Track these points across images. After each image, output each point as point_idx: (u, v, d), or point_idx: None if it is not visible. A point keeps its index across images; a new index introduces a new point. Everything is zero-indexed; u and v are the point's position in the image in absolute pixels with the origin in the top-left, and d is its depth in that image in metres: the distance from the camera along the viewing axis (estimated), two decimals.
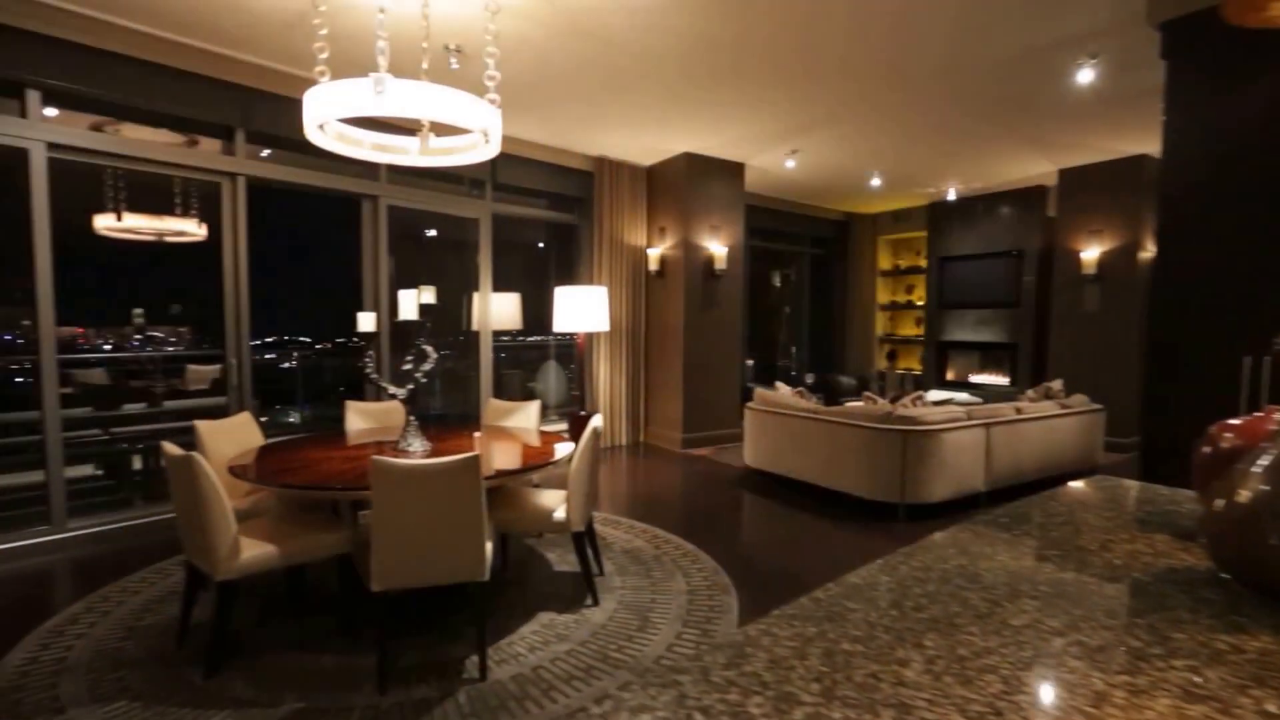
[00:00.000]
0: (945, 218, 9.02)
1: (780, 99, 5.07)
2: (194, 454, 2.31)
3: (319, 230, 8.22)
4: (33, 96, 3.76)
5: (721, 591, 3.23)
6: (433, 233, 7.86)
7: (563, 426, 6.40)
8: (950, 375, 9.22)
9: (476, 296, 6.09)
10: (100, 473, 5.31)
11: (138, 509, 4.57)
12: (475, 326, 6.10)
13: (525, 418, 3.87)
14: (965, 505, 4.77)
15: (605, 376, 6.89)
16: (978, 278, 8.69)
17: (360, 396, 4.76)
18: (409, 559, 2.33)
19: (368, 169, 5.19)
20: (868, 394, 5.54)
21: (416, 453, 2.92)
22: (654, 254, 7.07)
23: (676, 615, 2.96)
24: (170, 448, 2.44)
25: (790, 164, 6.89)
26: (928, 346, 9.37)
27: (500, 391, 6.46)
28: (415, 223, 6.68)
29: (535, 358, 8.12)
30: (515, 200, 6.47)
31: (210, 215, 5.63)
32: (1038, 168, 7.21)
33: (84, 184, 5.31)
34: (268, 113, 4.59)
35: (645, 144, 6.41)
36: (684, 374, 6.87)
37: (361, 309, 5.36)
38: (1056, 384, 5.95)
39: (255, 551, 2.46)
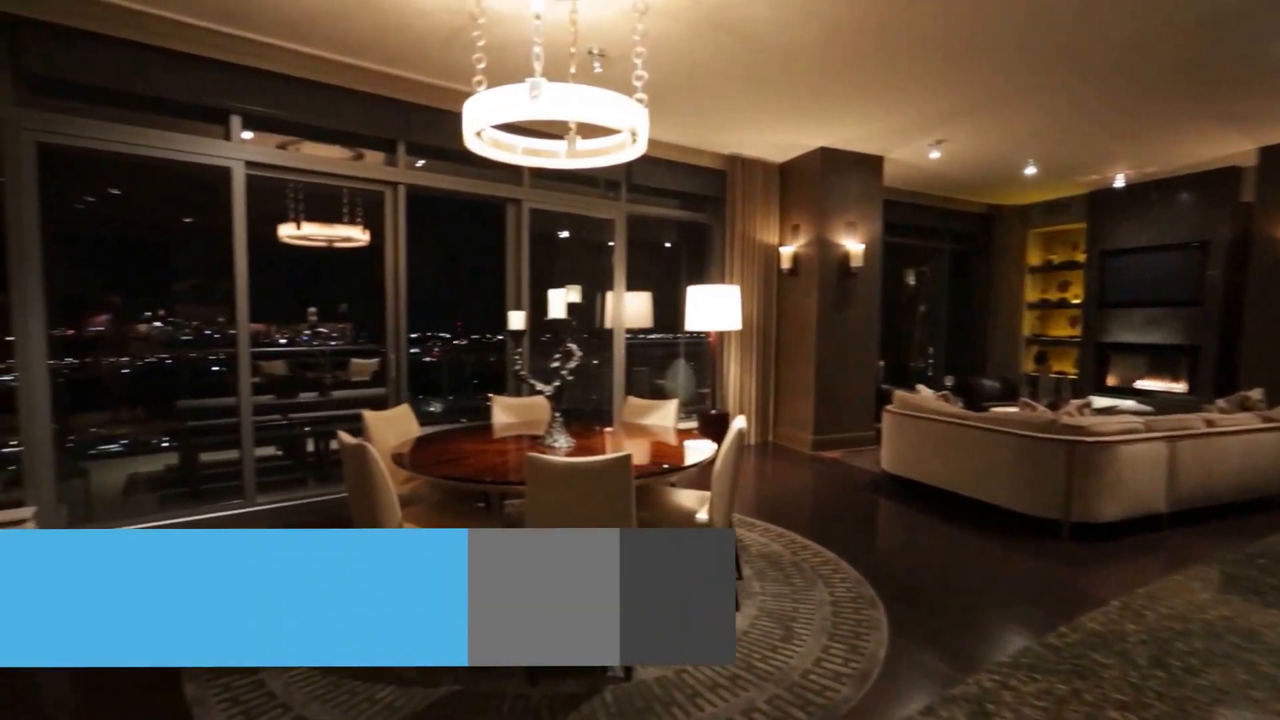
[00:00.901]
0: (1110, 207, 8.10)
1: (930, 85, 4.74)
2: (366, 443, 2.49)
3: (456, 232, 8.72)
4: (235, 121, 4.26)
5: (868, 605, 3.06)
6: (565, 234, 8.11)
7: (691, 425, 6.38)
8: (1111, 380, 8.28)
9: (610, 295, 6.21)
10: (280, 453, 5.93)
11: (310, 488, 5.06)
12: (608, 324, 6.22)
13: (663, 416, 3.87)
14: (1143, 527, 4.25)
15: (735, 375, 6.80)
16: (1149, 272, 7.73)
17: (495, 389, 5.00)
18: None
19: (512, 174, 5.43)
20: (1024, 399, 5.08)
21: (561, 449, 3.00)
22: (787, 252, 6.88)
23: (821, 627, 2.84)
24: (345, 437, 2.65)
25: (934, 155, 6.44)
26: (1084, 348, 8.47)
27: (628, 388, 6.56)
28: (548, 224, 6.91)
29: (660, 355, 8.18)
30: (648, 201, 6.53)
31: (372, 222, 6.14)
32: (1232, 146, 6.28)
33: (270, 197, 5.96)
34: (425, 125, 4.91)
35: (779, 140, 6.24)
36: (816, 374, 6.63)
37: (496, 307, 5.64)
38: (1256, 393, 5.15)
39: None
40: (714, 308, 5.78)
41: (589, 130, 3.24)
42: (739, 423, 2.99)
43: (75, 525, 4.01)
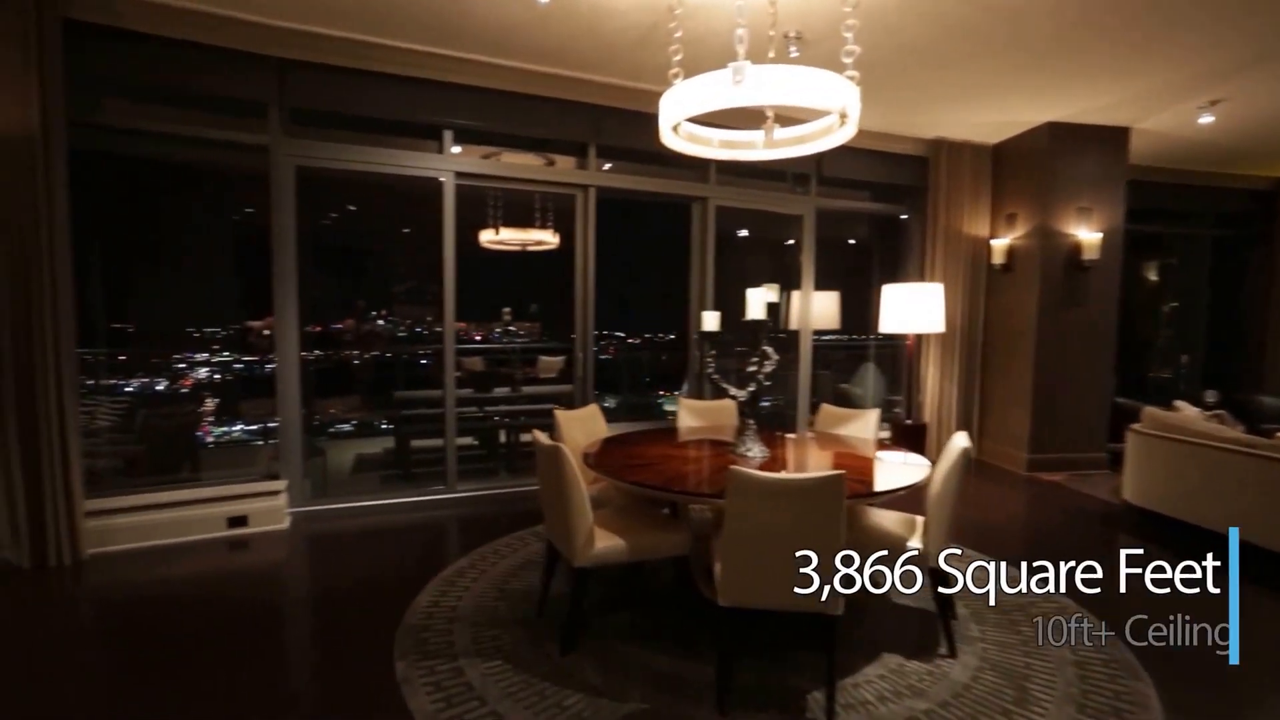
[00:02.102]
0: None
1: (1211, 30, 3.86)
2: (562, 446, 2.47)
3: (630, 233, 8.87)
4: (447, 136, 4.60)
5: (1127, 674, 2.51)
6: (744, 232, 7.90)
7: (882, 434, 5.88)
8: None
9: (796, 295, 5.90)
10: (475, 443, 6.37)
11: (502, 479, 5.35)
12: (794, 326, 5.91)
13: (862, 427, 3.52)
14: None
15: (934, 383, 6.15)
16: None
17: (668, 387, 4.91)
18: (760, 578, 2.18)
19: (697, 172, 5.35)
20: None
21: (755, 459, 2.81)
22: (999, 245, 6.08)
23: (1065, 694, 2.36)
24: (541, 437, 2.66)
25: (1206, 120, 5.29)
26: None
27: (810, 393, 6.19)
28: (727, 223, 6.73)
29: (841, 359, 7.69)
30: (839, 194, 6.12)
31: (561, 226, 6.39)
32: None
33: (471, 206, 6.43)
34: (615, 127, 4.97)
35: (994, 118, 5.52)
36: (1034, 384, 5.78)
37: (668, 306, 5.59)
38: None
39: (607, 544, 2.56)
40: (912, 308, 5.26)
41: (788, 119, 3.02)
42: (960, 440, 2.60)
43: (316, 500, 4.55)
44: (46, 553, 3.46)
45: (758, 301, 2.80)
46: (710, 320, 2.99)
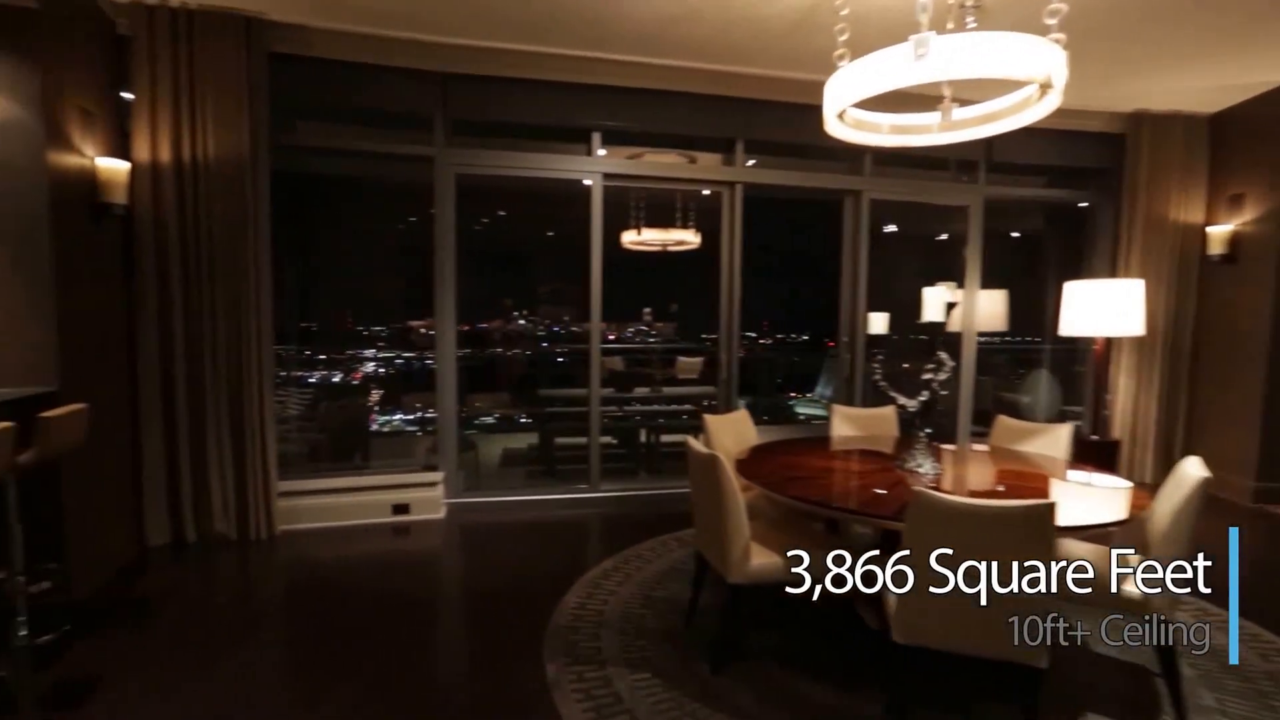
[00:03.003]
0: None
1: None
2: (719, 456, 2.34)
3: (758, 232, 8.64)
4: (595, 138, 4.63)
5: None
6: (892, 228, 7.36)
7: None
8: None
9: (959, 294, 5.37)
10: (615, 442, 6.40)
11: (642, 481, 5.32)
12: (955, 327, 5.38)
13: (1051, 444, 3.08)
14: None
15: (1127, 393, 5.35)
16: None
17: (799, 390, 4.60)
18: (946, 616, 1.91)
19: (850, 164, 5.02)
20: None
21: (926, 475, 2.52)
22: (1218, 232, 5.17)
23: None
24: (696, 445, 2.55)
25: None
26: None
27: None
28: (874, 218, 6.30)
29: (1001, 364, 6.99)
30: (1010, 181, 5.50)
31: (701, 225, 6.28)
32: None
33: (612, 208, 6.49)
34: (763, 121, 4.78)
35: (1215, 82, 4.70)
36: (1265, 397, 4.87)
37: (801, 307, 5.26)
38: None
39: (764, 560, 2.41)
40: (1103, 307, 4.56)
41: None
42: (1194, 468, 2.16)
43: (468, 492, 4.76)
44: (249, 528, 3.88)
45: (935, 301, 2.52)
46: (878, 322, 2.74)
